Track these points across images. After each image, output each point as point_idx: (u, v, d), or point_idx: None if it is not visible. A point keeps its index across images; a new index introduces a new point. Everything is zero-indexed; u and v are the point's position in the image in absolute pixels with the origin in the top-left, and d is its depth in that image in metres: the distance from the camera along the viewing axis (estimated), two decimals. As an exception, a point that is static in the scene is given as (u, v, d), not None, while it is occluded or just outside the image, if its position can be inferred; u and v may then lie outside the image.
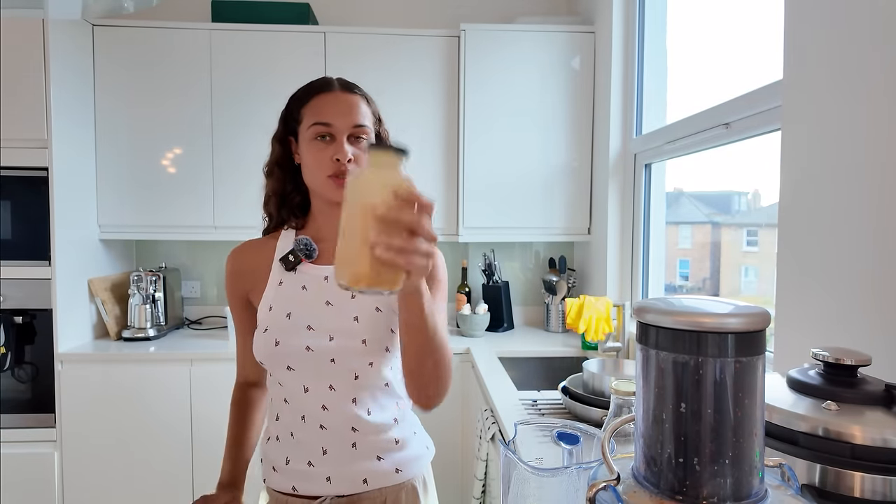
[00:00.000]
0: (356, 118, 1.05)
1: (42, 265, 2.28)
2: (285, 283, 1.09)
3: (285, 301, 1.07)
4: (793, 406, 0.69)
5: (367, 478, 1.04)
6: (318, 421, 1.04)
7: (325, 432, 1.04)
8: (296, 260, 1.08)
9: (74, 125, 2.39)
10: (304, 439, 1.05)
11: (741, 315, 0.51)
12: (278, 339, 1.03)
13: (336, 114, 1.04)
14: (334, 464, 1.04)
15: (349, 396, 1.04)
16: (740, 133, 1.61)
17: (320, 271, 1.09)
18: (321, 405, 1.04)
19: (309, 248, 1.08)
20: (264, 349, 1.04)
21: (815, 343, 0.96)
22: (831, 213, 1.11)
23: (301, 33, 2.56)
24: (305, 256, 1.08)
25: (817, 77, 1.15)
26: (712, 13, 1.99)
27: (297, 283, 1.08)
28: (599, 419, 1.39)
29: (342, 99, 1.06)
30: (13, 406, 2.31)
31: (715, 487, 0.51)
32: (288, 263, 1.08)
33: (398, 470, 1.07)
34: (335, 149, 1.02)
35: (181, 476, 2.35)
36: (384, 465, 1.06)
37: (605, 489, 0.55)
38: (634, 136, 2.38)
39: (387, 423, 1.07)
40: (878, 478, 0.62)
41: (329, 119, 1.03)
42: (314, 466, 1.04)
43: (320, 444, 1.04)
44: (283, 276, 1.09)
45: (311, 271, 1.09)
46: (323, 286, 1.07)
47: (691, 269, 2.26)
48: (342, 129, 1.03)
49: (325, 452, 1.04)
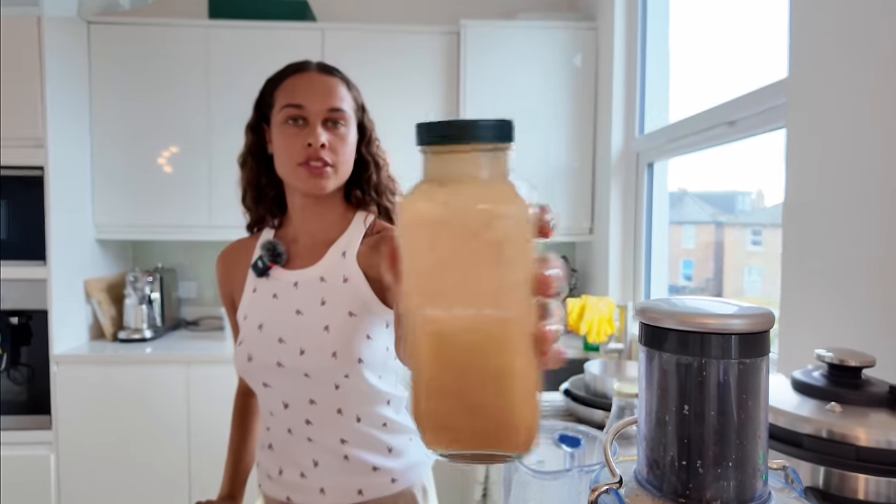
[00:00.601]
0: (332, 101, 0.96)
1: (38, 266, 2.27)
2: (259, 290, 1.03)
3: (258, 310, 1.02)
4: (797, 408, 0.69)
5: (361, 489, 1.00)
6: (304, 434, 0.99)
7: (313, 445, 0.99)
8: (264, 266, 1.01)
9: (70, 124, 2.38)
10: (294, 452, 1.01)
11: (745, 316, 0.50)
12: (251, 354, 0.98)
13: (310, 95, 0.95)
14: (327, 476, 0.99)
15: (333, 408, 0.97)
16: (744, 131, 1.60)
17: (291, 276, 1.01)
18: (304, 420, 0.98)
19: (275, 252, 1.01)
20: (239, 364, 1.01)
21: (820, 344, 0.95)
22: (836, 213, 1.10)
23: (299, 30, 2.55)
24: (273, 261, 1.01)
25: (822, 75, 1.14)
26: (716, 9, 1.98)
27: (269, 291, 1.01)
28: (601, 421, 1.38)
29: (318, 80, 0.97)
30: (9, 408, 2.30)
31: (718, 490, 0.51)
32: (257, 269, 1.01)
33: (394, 480, 1.02)
34: (308, 134, 0.93)
35: (178, 478, 2.34)
36: (379, 475, 1.01)
37: (608, 492, 0.54)
38: (637, 134, 2.37)
39: (377, 430, 1.01)
40: (883, 480, 0.62)
41: (301, 101, 0.94)
42: (307, 478, 1.00)
43: (310, 456, 1.00)
44: (256, 283, 1.03)
45: (282, 277, 1.02)
46: (292, 294, 1.00)
47: (695, 270, 2.25)
48: (316, 111, 0.94)
49: (317, 465, 0.99)
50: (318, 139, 0.93)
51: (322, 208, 1.03)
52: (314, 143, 0.93)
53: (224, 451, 1.16)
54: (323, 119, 0.95)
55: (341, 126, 0.97)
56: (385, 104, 2.61)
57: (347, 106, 0.99)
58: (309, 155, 0.93)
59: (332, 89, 0.97)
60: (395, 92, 2.58)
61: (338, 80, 1.00)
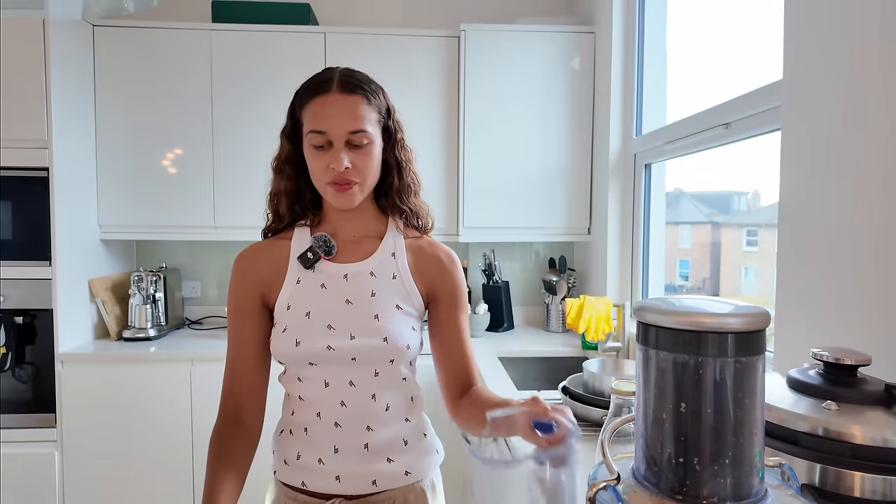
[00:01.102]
0: (354, 124, 0.99)
1: (42, 265, 2.28)
2: (303, 282, 1.06)
3: (304, 300, 1.05)
4: (793, 406, 0.69)
5: (376, 479, 1.04)
6: (333, 418, 1.03)
7: (339, 430, 1.03)
8: (314, 257, 1.05)
9: (75, 125, 2.39)
10: (317, 436, 1.04)
11: (741, 315, 0.51)
12: (299, 340, 1.02)
13: (332, 121, 0.99)
14: (345, 463, 1.03)
15: (369, 393, 1.04)
16: (740, 133, 1.61)
17: (339, 269, 1.07)
18: (339, 401, 1.03)
19: (328, 245, 1.06)
20: (283, 349, 1.03)
21: (816, 343, 0.96)
22: (831, 213, 1.11)
23: (301, 33, 2.56)
24: (324, 253, 1.06)
25: (817, 77, 1.15)
26: (712, 13, 1.99)
27: (315, 282, 1.06)
28: (599, 419, 1.39)
29: (339, 102, 1.00)
30: (14, 406, 2.31)
31: (715, 487, 0.51)
32: (306, 261, 1.05)
33: (408, 472, 1.07)
34: (331, 157, 0.99)
35: (182, 476, 2.35)
36: (394, 466, 1.06)
37: (606, 489, 0.55)
38: (634, 136, 2.38)
39: (401, 421, 1.08)
40: (878, 477, 0.62)
41: (324, 127, 0.99)
42: (324, 464, 1.03)
43: (333, 442, 1.03)
44: (301, 275, 1.06)
45: (329, 269, 1.07)
46: (342, 284, 1.06)
47: (691, 270, 2.26)
48: (338, 135, 0.99)
49: (337, 451, 1.03)
50: (341, 164, 0.98)
51: (356, 211, 1.09)
52: (337, 167, 0.98)
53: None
54: (345, 141, 1.00)
55: (363, 144, 1.01)
56: (387, 106, 2.63)
57: (368, 124, 1.02)
58: (333, 177, 1.00)
59: (354, 111, 1.00)
60: (396, 95, 2.56)
61: (359, 99, 1.02)
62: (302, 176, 1.08)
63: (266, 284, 1.08)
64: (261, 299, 1.08)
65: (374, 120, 1.04)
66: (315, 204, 1.12)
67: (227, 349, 1.09)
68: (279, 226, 1.13)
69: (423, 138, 2.60)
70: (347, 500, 1.04)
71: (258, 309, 1.08)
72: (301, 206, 1.11)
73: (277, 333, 1.04)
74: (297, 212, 1.11)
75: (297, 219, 1.12)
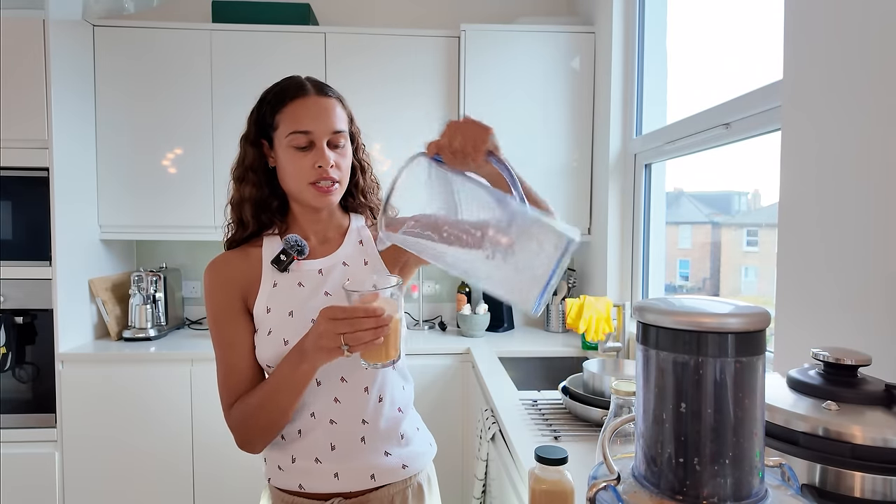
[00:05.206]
0: (335, 124, 1.04)
1: (43, 265, 2.28)
2: (280, 284, 1.07)
3: (284, 300, 1.06)
4: (793, 406, 0.69)
5: (374, 473, 1.05)
6: (328, 416, 1.04)
7: (335, 427, 1.04)
8: (288, 259, 1.06)
9: (75, 125, 2.39)
10: (312, 437, 1.04)
11: (741, 315, 0.51)
12: (286, 338, 1.02)
13: (315, 121, 1.03)
14: (342, 459, 1.04)
15: (361, 386, 1.05)
16: (740, 133, 1.61)
17: (313, 265, 1.09)
18: (333, 398, 1.04)
19: (300, 245, 1.07)
20: (272, 350, 1.02)
21: (816, 343, 0.96)
22: (831, 213, 1.11)
23: (301, 34, 2.56)
24: (297, 254, 1.07)
25: (817, 77, 1.15)
26: (712, 14, 1.99)
27: (292, 282, 1.07)
28: (600, 419, 1.39)
29: (320, 104, 1.04)
30: (14, 406, 2.31)
31: (715, 487, 0.51)
32: (280, 263, 1.06)
33: (405, 465, 1.08)
34: (316, 156, 1.02)
35: (182, 475, 2.35)
36: (391, 460, 1.07)
37: (606, 489, 0.55)
38: (634, 136, 2.38)
39: (395, 411, 1.09)
40: (879, 478, 0.62)
41: (308, 127, 1.02)
42: (321, 463, 1.04)
43: (329, 440, 1.04)
44: (276, 278, 1.07)
45: (303, 267, 1.09)
46: (319, 279, 1.08)
47: (691, 270, 2.26)
48: (322, 135, 1.03)
49: (334, 448, 1.04)
50: (327, 161, 1.03)
51: (325, 212, 1.13)
52: (324, 164, 1.02)
53: (226, 451, 1.11)
54: (327, 140, 1.04)
55: (342, 144, 1.07)
56: (386, 107, 2.64)
57: (344, 125, 1.07)
58: (319, 175, 1.03)
59: (333, 111, 1.06)
60: (396, 95, 2.59)
61: (334, 101, 1.07)
62: (267, 184, 1.10)
63: (245, 291, 1.08)
64: (243, 302, 1.08)
65: (346, 123, 1.09)
66: (281, 211, 1.13)
67: (217, 362, 1.06)
68: (243, 235, 1.11)
69: (423, 138, 2.59)
70: (346, 498, 1.04)
71: (243, 310, 1.07)
72: (268, 214, 1.11)
73: (262, 337, 1.04)
74: (263, 220, 1.11)
75: (262, 227, 1.12)
